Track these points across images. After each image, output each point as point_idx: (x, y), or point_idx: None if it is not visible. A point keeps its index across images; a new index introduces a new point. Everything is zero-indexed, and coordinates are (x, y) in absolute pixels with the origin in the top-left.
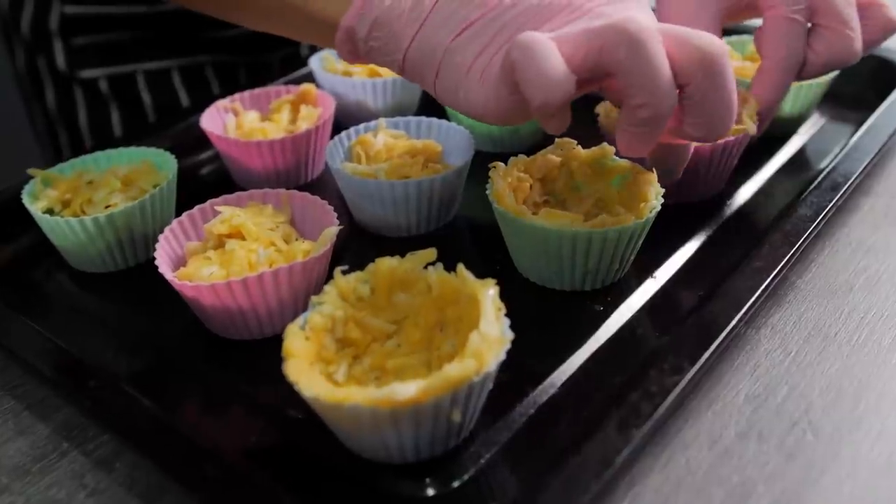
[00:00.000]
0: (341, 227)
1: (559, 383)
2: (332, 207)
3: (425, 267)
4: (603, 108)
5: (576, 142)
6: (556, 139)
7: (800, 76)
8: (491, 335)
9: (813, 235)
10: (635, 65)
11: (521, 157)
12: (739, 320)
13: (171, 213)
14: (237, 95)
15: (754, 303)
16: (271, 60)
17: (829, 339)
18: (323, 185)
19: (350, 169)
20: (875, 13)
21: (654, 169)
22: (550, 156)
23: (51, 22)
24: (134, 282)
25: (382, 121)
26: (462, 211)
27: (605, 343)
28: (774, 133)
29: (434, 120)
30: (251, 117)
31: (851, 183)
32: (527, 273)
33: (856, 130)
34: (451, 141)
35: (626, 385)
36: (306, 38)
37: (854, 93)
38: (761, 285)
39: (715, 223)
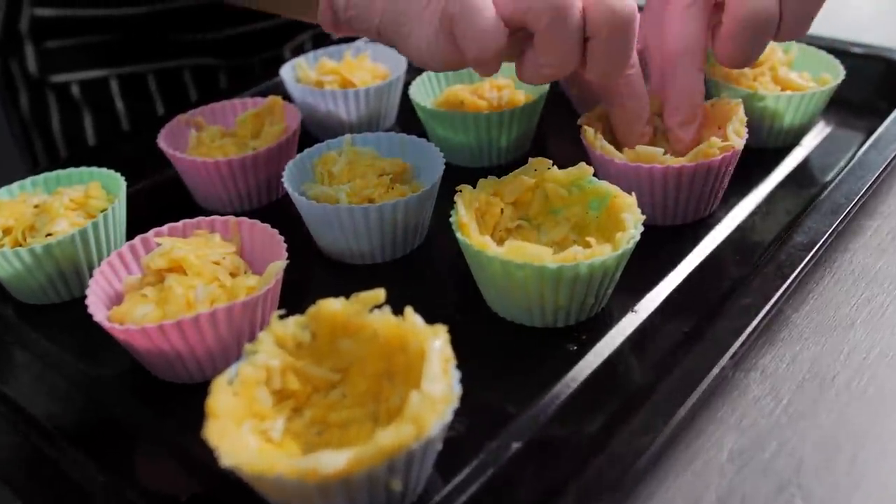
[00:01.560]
0: (288, 261)
1: (522, 436)
2: (284, 238)
3: (373, 309)
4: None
5: (551, 161)
6: (531, 159)
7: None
8: (434, 395)
9: (811, 264)
10: (552, 35)
11: (492, 178)
12: (724, 367)
13: (120, 239)
14: (199, 109)
15: (742, 344)
16: (252, 63)
17: (825, 384)
18: (289, 205)
19: (312, 191)
20: None
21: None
22: (523, 177)
23: (21, 24)
24: (78, 314)
25: (348, 137)
26: (434, 233)
27: (576, 389)
28: (775, 144)
29: (405, 136)
30: (213, 132)
31: (854, 204)
32: (495, 307)
33: (864, 141)
34: (423, 158)
35: (595, 443)
36: (289, 11)
37: (862, 99)
38: (748, 326)
39: (704, 249)
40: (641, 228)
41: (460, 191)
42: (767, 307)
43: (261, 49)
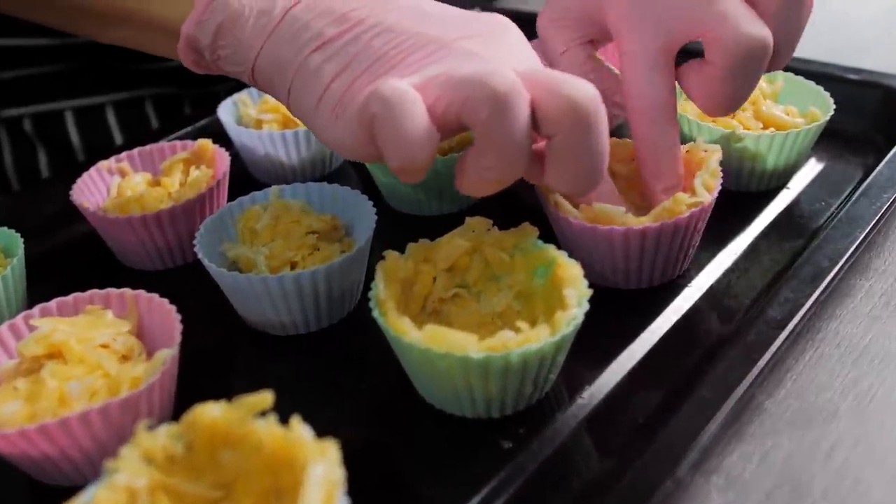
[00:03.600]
0: (173, 351)
1: None
2: (180, 317)
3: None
4: None
5: (490, 221)
6: (467, 219)
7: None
8: None
9: (787, 343)
10: (493, 129)
11: (423, 241)
12: (681, 472)
13: (15, 310)
14: (125, 154)
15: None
16: (217, 91)
17: (800, 492)
18: None
19: (232, 252)
20: None
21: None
22: (458, 240)
23: None
24: None
25: (275, 189)
26: None
27: (510, 496)
28: (758, 187)
29: (338, 187)
30: (137, 181)
31: (840, 269)
32: (422, 393)
33: (860, 181)
34: (361, 212)
35: None
36: (151, 47)
37: (858, 131)
38: (711, 419)
39: (665, 322)
40: (586, 307)
41: (384, 257)
42: (733, 400)
43: (224, 76)
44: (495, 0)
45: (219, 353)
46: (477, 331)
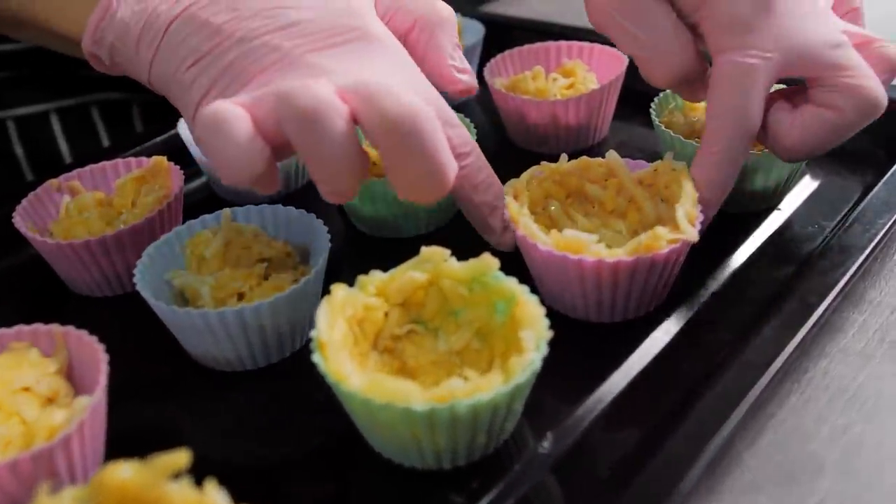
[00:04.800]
0: (95, 399)
1: None
2: (107, 358)
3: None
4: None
5: (448, 253)
6: (423, 249)
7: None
8: None
9: (770, 388)
10: (304, 145)
11: (375, 273)
12: None
13: None
14: (76, 171)
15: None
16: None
17: None
18: None
19: (179, 280)
20: (874, 52)
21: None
22: (413, 273)
23: None
24: None
25: (227, 212)
26: None
27: None
28: (746, 209)
29: (293, 210)
30: (87, 200)
31: (832, 303)
32: (370, 441)
33: (856, 202)
34: (314, 238)
35: None
36: (65, 49)
37: (857, 146)
38: (679, 483)
39: (639, 360)
40: (545, 351)
41: (331, 290)
42: (710, 453)
43: None
44: (482, 5)
45: (161, 388)
46: (434, 371)
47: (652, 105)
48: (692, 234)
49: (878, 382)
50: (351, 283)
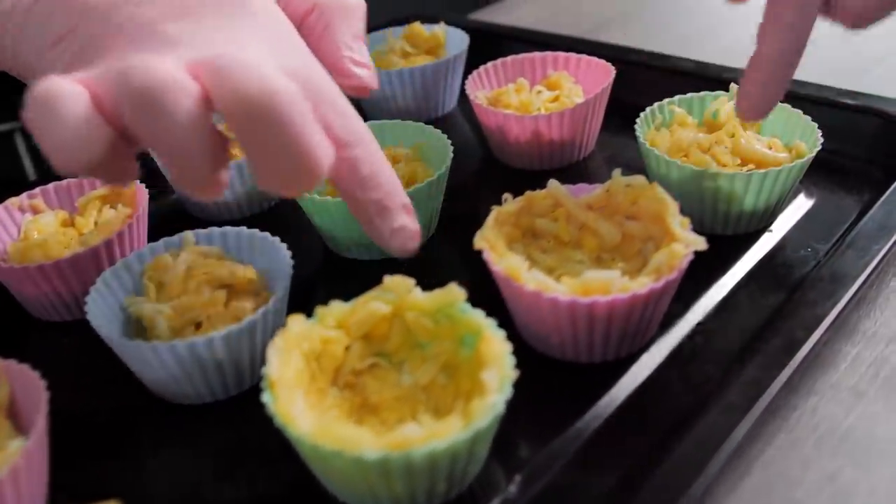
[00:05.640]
0: (30, 442)
1: None
2: (47, 395)
3: None
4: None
5: (413, 282)
6: (386, 278)
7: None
8: None
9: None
10: (142, 127)
11: (335, 304)
12: None
13: None
14: (40, 189)
15: None
16: None
17: None
18: None
19: (134, 307)
20: None
21: None
22: (375, 304)
23: None
24: None
25: (189, 234)
26: None
27: None
28: (735, 231)
29: (256, 233)
30: (48, 220)
31: (822, 337)
32: (325, 485)
33: (852, 224)
34: (276, 263)
35: None
36: None
37: (854, 163)
38: None
39: (611, 404)
40: (509, 393)
41: (286, 324)
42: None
43: None
44: (470, 13)
45: (112, 423)
46: (398, 407)
47: (637, 121)
48: (699, 241)
49: (871, 423)
50: (301, 317)
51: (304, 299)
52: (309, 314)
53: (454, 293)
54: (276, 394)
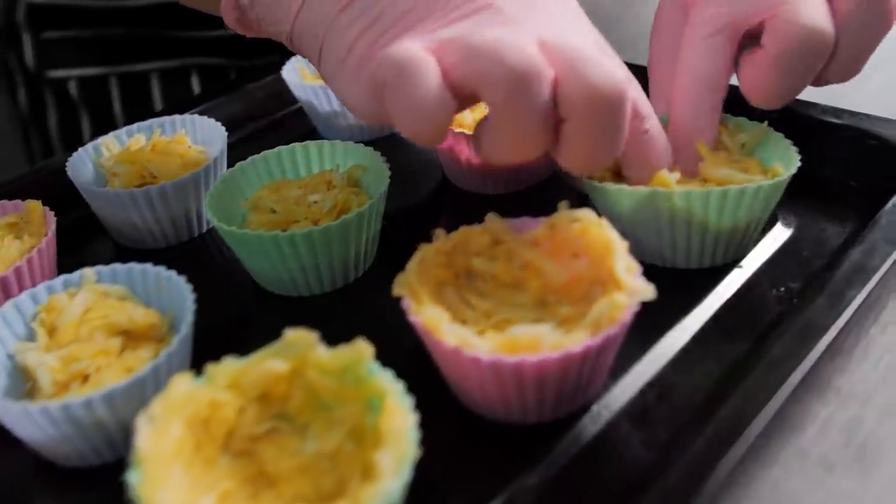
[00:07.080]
0: None
1: None
2: None
3: None
4: None
5: (317, 336)
6: (287, 331)
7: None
8: None
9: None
10: (509, 111)
11: (228, 361)
12: None
13: None
14: None
15: None
16: (263, 64)
17: None
18: None
19: (22, 356)
20: None
21: None
22: (271, 362)
23: (18, 14)
24: None
25: (88, 272)
26: None
27: None
28: (701, 263)
29: (163, 272)
30: None
31: (789, 397)
32: None
33: (828, 263)
34: (184, 305)
35: None
36: (202, 4)
37: (838, 190)
38: None
39: (549, 466)
40: (406, 477)
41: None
42: None
43: (271, 48)
44: None
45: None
46: (298, 479)
47: None
48: (648, 290)
49: (840, 502)
50: (187, 376)
51: (228, 340)
52: (244, 353)
53: (360, 351)
54: (144, 472)
